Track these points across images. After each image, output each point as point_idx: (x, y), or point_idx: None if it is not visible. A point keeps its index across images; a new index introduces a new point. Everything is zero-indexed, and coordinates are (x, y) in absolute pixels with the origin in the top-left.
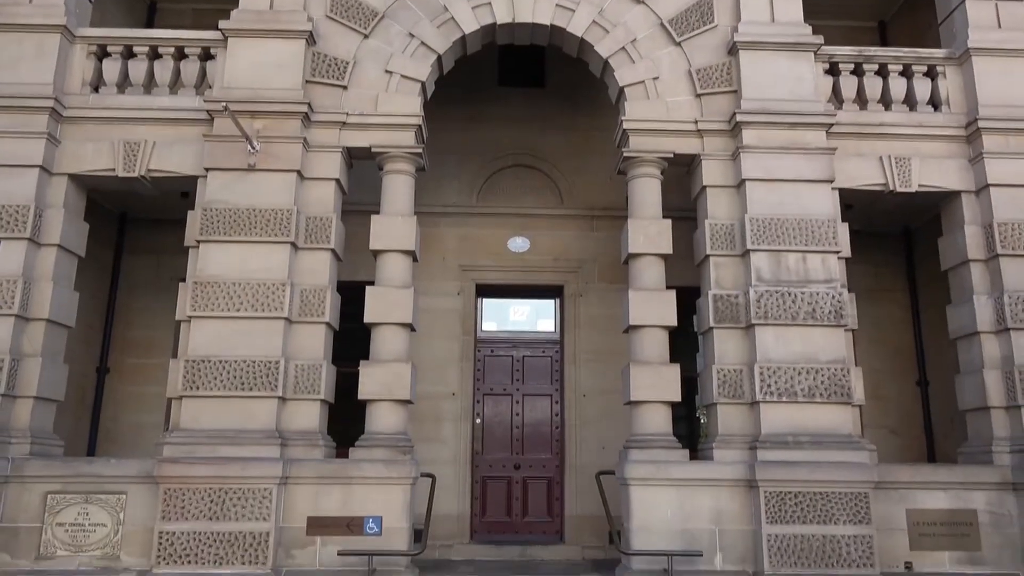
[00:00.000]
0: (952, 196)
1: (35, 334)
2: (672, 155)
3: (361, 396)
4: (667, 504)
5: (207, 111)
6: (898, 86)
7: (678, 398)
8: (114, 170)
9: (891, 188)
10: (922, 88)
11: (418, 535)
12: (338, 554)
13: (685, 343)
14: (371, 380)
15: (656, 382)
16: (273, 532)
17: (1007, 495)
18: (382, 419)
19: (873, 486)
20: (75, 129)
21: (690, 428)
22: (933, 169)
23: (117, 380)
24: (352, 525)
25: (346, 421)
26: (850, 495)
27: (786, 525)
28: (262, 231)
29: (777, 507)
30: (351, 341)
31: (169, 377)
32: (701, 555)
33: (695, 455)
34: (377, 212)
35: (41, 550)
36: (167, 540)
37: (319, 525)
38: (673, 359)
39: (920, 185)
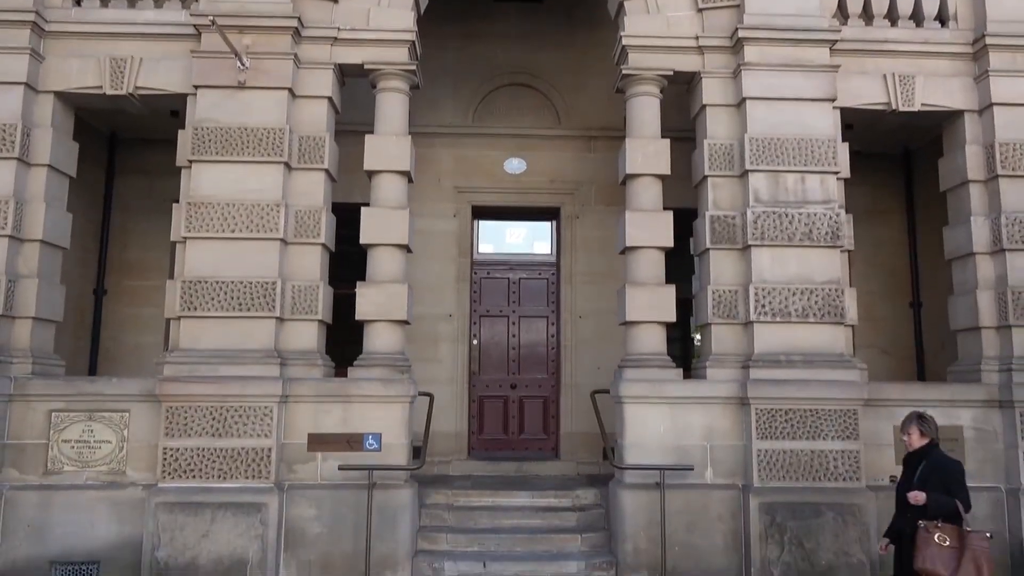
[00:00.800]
0: (955, 116)
1: (30, 255)
2: (672, 73)
3: (358, 317)
4: (660, 421)
5: (194, 26)
6: (905, 0)
7: (673, 318)
8: (101, 88)
9: (893, 107)
10: (930, 3)
11: (417, 452)
12: (339, 469)
13: (681, 265)
14: (368, 301)
15: (652, 303)
16: (275, 448)
17: (993, 412)
18: (380, 339)
19: (862, 403)
20: (59, 44)
21: (684, 349)
22: (937, 87)
23: (115, 302)
24: (352, 441)
25: (344, 343)
26: (839, 412)
27: (776, 441)
28: (254, 151)
29: (768, 423)
30: (347, 263)
31: (167, 298)
32: (692, 469)
33: (689, 375)
34: (371, 132)
35: (48, 466)
36: (171, 456)
37: (320, 442)
38: (669, 281)
39: (923, 104)
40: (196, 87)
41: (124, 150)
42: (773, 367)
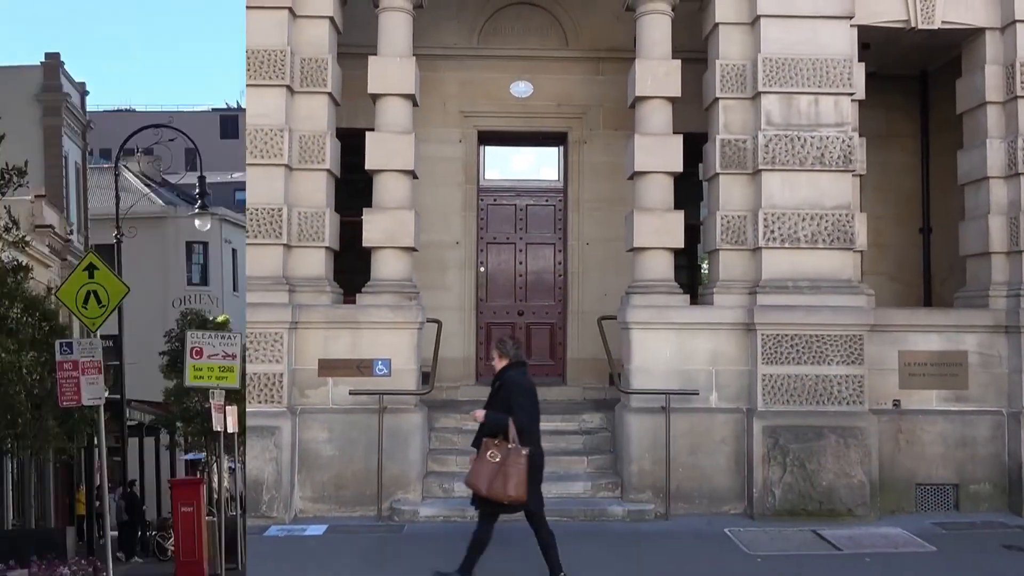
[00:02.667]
0: (975, 34)
1: None
2: None
3: (366, 243)
4: (666, 346)
5: None
6: None
7: (681, 244)
8: None
9: (913, 25)
10: None
11: (426, 377)
12: (350, 393)
13: (688, 190)
14: (375, 227)
15: (659, 228)
16: (286, 373)
17: (999, 337)
18: (387, 266)
19: (868, 329)
20: None
21: (691, 276)
22: (959, 3)
23: None
24: (362, 367)
25: (351, 271)
26: (844, 337)
27: (781, 365)
28: (256, 73)
29: (773, 349)
30: (353, 191)
31: None
32: (697, 394)
33: (695, 302)
34: (374, 54)
35: None
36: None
37: (330, 367)
38: (677, 207)
39: (944, 21)
40: None
41: None
42: (780, 293)
